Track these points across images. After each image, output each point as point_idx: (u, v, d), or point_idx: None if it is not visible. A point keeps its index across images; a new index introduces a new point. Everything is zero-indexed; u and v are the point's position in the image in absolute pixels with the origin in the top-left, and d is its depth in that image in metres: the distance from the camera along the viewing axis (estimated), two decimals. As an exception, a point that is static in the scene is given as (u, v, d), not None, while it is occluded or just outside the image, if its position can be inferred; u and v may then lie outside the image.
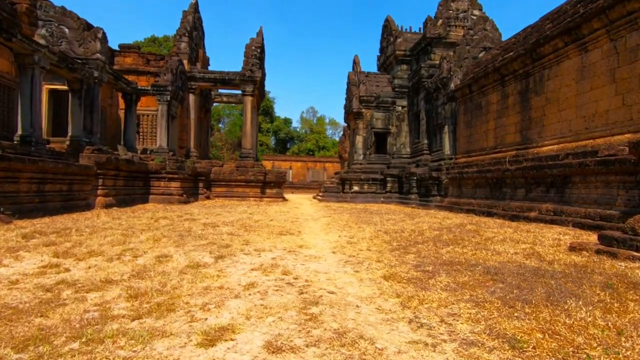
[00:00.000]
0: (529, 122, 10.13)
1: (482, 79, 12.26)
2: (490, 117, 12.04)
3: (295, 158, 48.06)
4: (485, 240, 5.54)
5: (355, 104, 18.19)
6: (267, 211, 11.32)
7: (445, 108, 14.96)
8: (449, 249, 4.81)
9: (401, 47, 18.21)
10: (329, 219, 9.34)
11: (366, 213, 11.10)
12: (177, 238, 5.40)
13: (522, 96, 10.47)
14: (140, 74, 16.61)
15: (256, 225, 7.26)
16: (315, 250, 4.83)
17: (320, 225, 7.87)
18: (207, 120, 21.06)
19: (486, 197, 10.95)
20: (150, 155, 14.71)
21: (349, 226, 7.45)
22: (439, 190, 14.08)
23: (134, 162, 12.47)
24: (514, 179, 9.64)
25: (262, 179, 16.57)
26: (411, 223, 8.07)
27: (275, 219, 8.84)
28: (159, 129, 14.88)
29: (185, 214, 9.40)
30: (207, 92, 20.14)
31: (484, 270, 3.61)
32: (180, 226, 6.86)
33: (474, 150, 12.87)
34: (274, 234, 6.15)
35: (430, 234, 6.31)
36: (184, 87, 16.29)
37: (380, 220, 8.61)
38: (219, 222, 7.63)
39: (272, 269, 3.64)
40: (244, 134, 17.70)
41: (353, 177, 17.43)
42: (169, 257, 4.09)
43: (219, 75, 16.95)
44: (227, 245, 4.92)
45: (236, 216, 9.23)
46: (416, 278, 3.34)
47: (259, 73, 16.93)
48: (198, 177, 15.87)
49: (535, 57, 9.82)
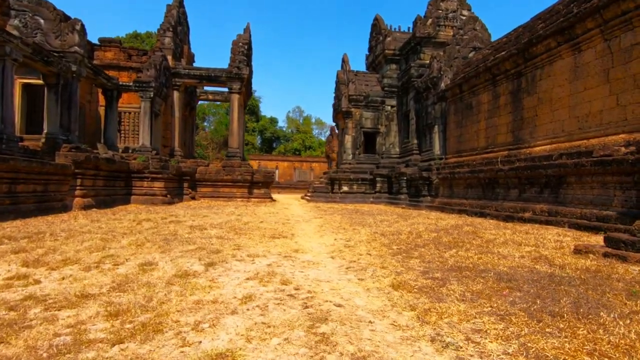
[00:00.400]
0: (521, 122, 10.09)
1: (473, 79, 12.19)
2: (481, 117, 11.98)
3: (282, 158, 47.56)
4: (486, 242, 5.36)
5: (344, 103, 17.96)
6: (256, 212, 10.95)
7: (435, 108, 14.88)
8: (452, 253, 4.59)
9: (390, 46, 18.08)
10: (320, 220, 9.06)
11: (358, 214, 10.87)
12: (162, 243, 5.02)
13: (514, 96, 10.43)
14: (121, 70, 15.92)
15: (246, 228, 6.91)
16: (313, 255, 4.54)
17: (313, 227, 7.58)
18: (192, 119, 20.46)
19: (478, 198, 10.87)
20: (133, 154, 14.11)
21: (344, 228, 7.18)
22: (429, 190, 13.98)
23: (114, 161, 11.90)
24: (507, 179, 9.57)
25: (250, 179, 16.15)
26: (406, 224, 7.86)
27: (266, 220, 8.51)
28: (142, 126, 14.29)
29: (170, 216, 8.96)
30: (192, 90, 19.54)
31: (496, 276, 3.39)
32: (165, 229, 6.46)
33: (465, 151, 12.80)
34: (266, 237, 5.83)
35: (428, 236, 6.10)
36: (167, 84, 15.71)
37: (374, 222, 8.38)
38: (206, 225, 7.25)
39: (270, 278, 3.33)
40: (230, 133, 17.22)
41: (342, 177, 17.19)
42: (154, 265, 3.73)
43: (205, 71, 16.42)
44: (218, 250, 4.57)
45: (224, 218, 8.85)
46: (427, 287, 3.09)
47: (246, 70, 16.49)
48: (183, 177, 15.33)
49: (527, 57, 9.77)
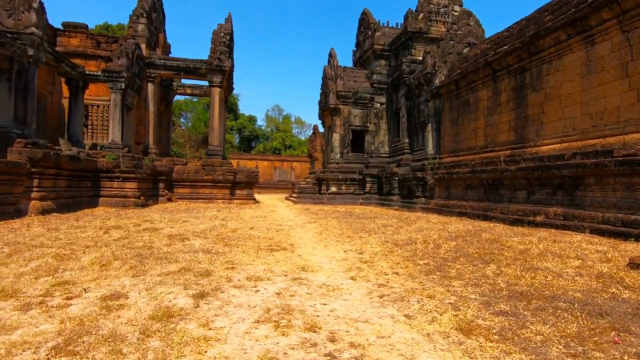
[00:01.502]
0: (525, 120, 9.57)
1: (471, 74, 11.63)
2: (480, 115, 11.44)
3: (262, 157, 46.20)
4: (520, 254, 4.64)
5: (332, 100, 17.12)
6: (241, 216, 9.93)
7: (428, 105, 14.29)
8: (494, 269, 3.83)
9: (380, 41, 17.39)
10: (316, 225, 8.17)
11: (353, 217, 10.05)
12: (134, 261, 3.99)
13: (517, 92, 9.90)
14: (88, 58, 14.42)
15: (236, 237, 5.94)
16: (327, 276, 3.66)
17: (311, 234, 6.68)
18: (168, 114, 19.06)
19: (480, 199, 10.28)
20: (101, 152, 12.73)
21: (348, 236, 6.33)
22: (423, 191, 13.36)
23: (79, 159, 10.56)
24: (514, 180, 9.00)
25: (232, 179, 15.04)
26: (412, 230, 7.10)
27: (256, 226, 7.53)
28: (112, 121, 12.93)
29: (144, 222, 7.83)
30: (169, 82, 18.17)
31: (580, 308, 2.62)
32: (139, 240, 5.39)
33: (461, 150, 12.24)
34: (262, 250, 4.89)
35: (447, 245, 5.34)
36: (141, 75, 14.37)
37: (376, 227, 7.57)
38: (188, 233, 6.21)
39: (288, 319, 2.42)
40: (211, 130, 16.03)
41: (330, 177, 16.36)
42: (124, 299, 2.74)
43: (183, 62, 15.15)
44: (207, 272, 3.60)
45: (207, 223, 7.80)
46: (505, 329, 2.28)
47: (228, 62, 15.35)
48: (158, 177, 14.05)
49: (533, 51, 9.24)
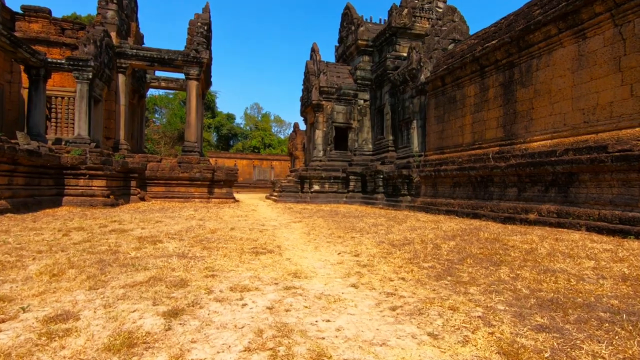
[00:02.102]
0: (514, 116, 9.40)
1: (458, 70, 11.42)
2: (467, 111, 11.24)
3: (241, 155, 45.18)
4: (528, 254, 4.30)
5: (314, 95, 16.62)
6: (221, 216, 9.29)
7: (413, 102, 14.04)
8: (508, 273, 3.45)
9: (364, 37, 17.03)
10: (301, 224, 7.66)
11: (340, 216, 9.59)
12: (94, 269, 3.36)
13: (506, 88, 9.73)
14: (52, 45, 13.30)
15: (216, 239, 5.34)
16: (324, 283, 3.16)
17: (298, 234, 6.16)
18: (142, 108, 18.00)
19: (468, 197, 10.06)
20: (66, 147, 11.73)
21: (338, 236, 5.85)
22: (409, 189, 13.09)
23: (40, 154, 9.60)
24: (504, 177, 8.80)
25: (210, 177, 14.29)
26: (405, 229, 6.71)
27: (237, 227, 6.94)
28: (78, 114, 11.93)
29: (112, 222, 7.08)
30: (142, 74, 17.14)
31: (628, 320, 2.25)
32: (103, 243, 4.72)
33: (448, 147, 12.02)
34: (246, 253, 4.33)
35: (447, 245, 4.96)
36: (111, 65, 13.38)
37: (366, 226, 7.14)
38: (161, 235, 5.57)
39: (286, 344, 1.91)
40: (187, 125, 15.18)
41: (313, 176, 15.85)
42: (73, 320, 2.15)
43: (157, 53, 14.24)
44: (183, 281, 3.03)
45: (184, 224, 7.14)
46: (556, 350, 1.85)
47: (205, 54, 14.56)
48: (130, 175, 13.13)
49: (522, 46, 9.07)
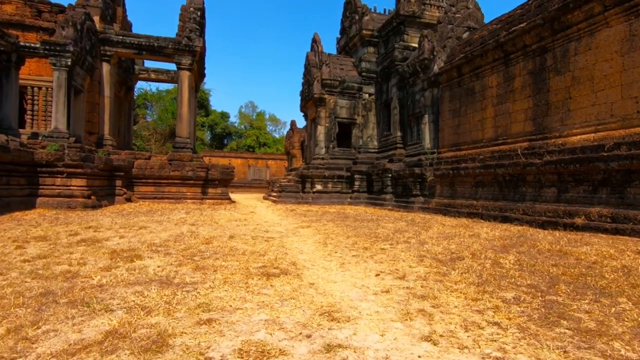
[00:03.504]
0: (547, 108, 8.38)
1: (478, 59, 10.39)
2: (488, 104, 10.22)
3: (235, 154, 43.86)
4: (628, 275, 3.25)
5: (316, 89, 15.51)
6: (216, 219, 8.14)
7: (425, 95, 13.00)
8: (634, 307, 2.38)
9: (369, 26, 15.96)
10: (311, 230, 6.54)
11: (351, 220, 8.50)
12: (28, 311, 2.21)
13: (536, 77, 8.71)
14: (27, 29, 12.01)
15: (211, 252, 4.21)
16: (379, 333, 2.05)
17: (313, 244, 5.05)
18: (129, 101, 16.73)
19: (494, 198, 9.02)
20: (42, 142, 10.48)
21: (364, 247, 4.74)
22: (421, 189, 12.04)
23: (8, 149, 8.38)
24: (540, 175, 7.77)
25: (204, 176, 13.10)
26: (438, 237, 5.64)
27: (236, 234, 5.80)
28: (55, 105, 10.68)
29: (87, 229, 5.91)
30: (129, 65, 15.88)
31: None
32: (63, 261, 3.57)
33: (465, 143, 11.00)
34: (254, 276, 3.21)
35: (508, 261, 3.89)
36: (94, 52, 12.14)
37: (389, 233, 6.05)
38: (142, 247, 4.42)
39: None
40: (179, 119, 13.97)
41: (315, 174, 14.74)
42: None
43: (145, 40, 13.01)
44: (160, 338, 1.88)
45: (172, 230, 5.99)
46: None
47: (199, 42, 13.37)
48: (115, 173, 11.90)
49: (557, 28, 8.06)
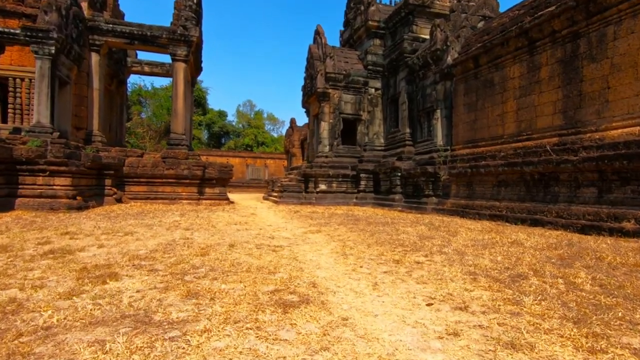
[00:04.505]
0: (579, 99, 7.58)
1: (498, 48, 9.59)
2: (509, 96, 9.41)
3: (233, 153, 43.02)
4: None
5: (320, 83, 14.66)
6: (214, 222, 7.28)
7: (437, 88, 12.18)
8: None
9: (375, 17, 15.13)
10: (322, 236, 5.70)
11: (364, 223, 7.66)
12: None
13: (566, 65, 7.91)
14: (8, 16, 11.07)
15: (208, 268, 3.35)
16: None
17: (330, 255, 4.21)
18: (121, 96, 15.81)
19: (520, 199, 8.21)
20: (22, 137, 9.59)
21: (394, 260, 3.90)
22: (434, 189, 11.22)
23: (-20, 144, 7.48)
24: (577, 173, 6.96)
25: (200, 175, 12.23)
26: (473, 246, 4.81)
27: (237, 241, 4.95)
28: (38, 96, 9.78)
29: (62, 235, 5.04)
30: (121, 56, 14.97)
31: None
32: (11, 284, 2.71)
33: (482, 139, 10.19)
34: (265, 307, 2.36)
35: (586, 282, 3.07)
36: (81, 41, 11.23)
37: (416, 241, 5.21)
38: (122, 261, 3.56)
39: None
40: (174, 114, 13.08)
41: (319, 173, 13.89)
42: None
43: (138, 28, 12.11)
44: None
45: (162, 236, 5.13)
46: None
47: (195, 31, 12.49)
48: (104, 172, 11.01)
49: (592, 10, 7.25)
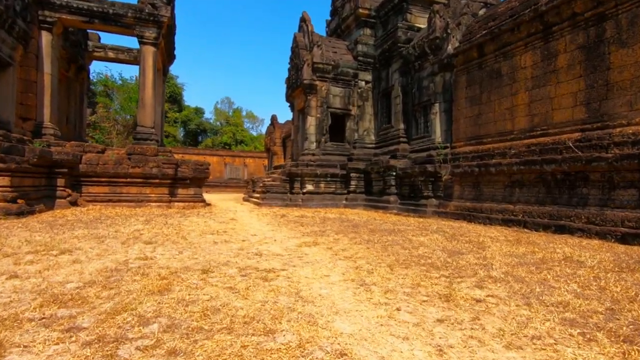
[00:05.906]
0: (606, 89, 6.73)
1: (507, 34, 8.69)
2: (520, 88, 8.52)
3: (211, 152, 41.12)
4: None
5: (306, 73, 13.44)
6: (185, 232, 5.94)
7: (435, 80, 11.22)
8: None
9: (365, 5, 14.05)
10: (321, 251, 4.51)
11: (365, 231, 6.50)
12: None
13: (589, 52, 7.05)
14: None
15: (165, 318, 2.09)
16: None
17: (345, 287, 3.02)
18: (82, 84, 14.02)
19: (539, 202, 7.29)
20: (-51, 127, 7.89)
21: (441, 296, 2.76)
22: (434, 190, 10.24)
23: None
24: (613, 172, 6.06)
25: (172, 174, 10.76)
26: (515, 262, 3.74)
27: (214, 262, 3.68)
28: (-31, 79, 8.09)
29: (-34, 257, 3.62)
30: (80, 39, 13.20)
31: None
32: None
33: (488, 135, 9.28)
34: None
35: None
36: (28, 16, 9.55)
37: (446, 260, 4.11)
38: (30, 306, 2.24)
39: None
40: (141, 105, 11.52)
41: (306, 173, 12.67)
42: None
43: (97, 4, 10.48)
44: None
45: (111, 256, 3.79)
46: None
47: (166, 10, 10.99)
48: (55, 170, 9.39)
49: (622, -12, 6.41)
